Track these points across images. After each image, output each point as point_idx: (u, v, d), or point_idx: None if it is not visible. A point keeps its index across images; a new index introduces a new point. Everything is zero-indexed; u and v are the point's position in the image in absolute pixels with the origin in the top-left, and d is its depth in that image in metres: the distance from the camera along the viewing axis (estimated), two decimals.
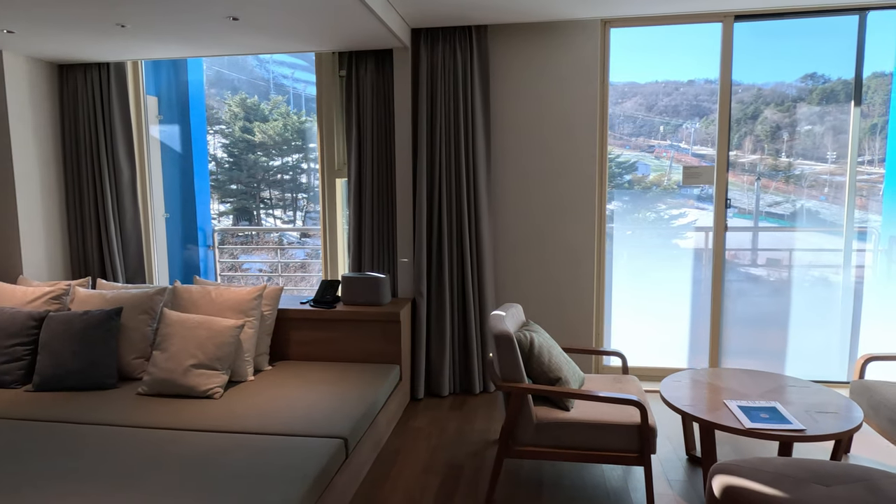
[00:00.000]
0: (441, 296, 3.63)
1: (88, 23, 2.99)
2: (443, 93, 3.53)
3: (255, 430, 2.49)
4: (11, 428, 2.52)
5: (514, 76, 3.65)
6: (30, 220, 3.73)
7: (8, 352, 3.04)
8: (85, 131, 3.93)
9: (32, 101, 3.75)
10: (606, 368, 3.90)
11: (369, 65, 3.65)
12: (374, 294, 3.49)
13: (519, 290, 3.80)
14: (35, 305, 3.25)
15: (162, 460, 2.21)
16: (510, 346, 2.43)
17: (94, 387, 2.99)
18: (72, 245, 4.05)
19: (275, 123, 14.53)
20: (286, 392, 2.92)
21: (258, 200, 15.07)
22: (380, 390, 3.00)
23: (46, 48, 3.50)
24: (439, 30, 3.50)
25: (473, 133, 3.54)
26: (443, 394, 3.67)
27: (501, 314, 2.62)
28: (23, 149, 3.68)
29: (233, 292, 3.21)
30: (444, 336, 3.63)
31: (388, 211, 3.77)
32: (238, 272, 11.20)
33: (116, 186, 4.00)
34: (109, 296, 3.26)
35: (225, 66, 14.96)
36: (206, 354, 2.89)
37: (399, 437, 3.11)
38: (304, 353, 3.49)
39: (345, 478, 2.42)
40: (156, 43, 3.40)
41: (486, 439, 3.07)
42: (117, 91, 3.93)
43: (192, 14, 2.86)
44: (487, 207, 3.63)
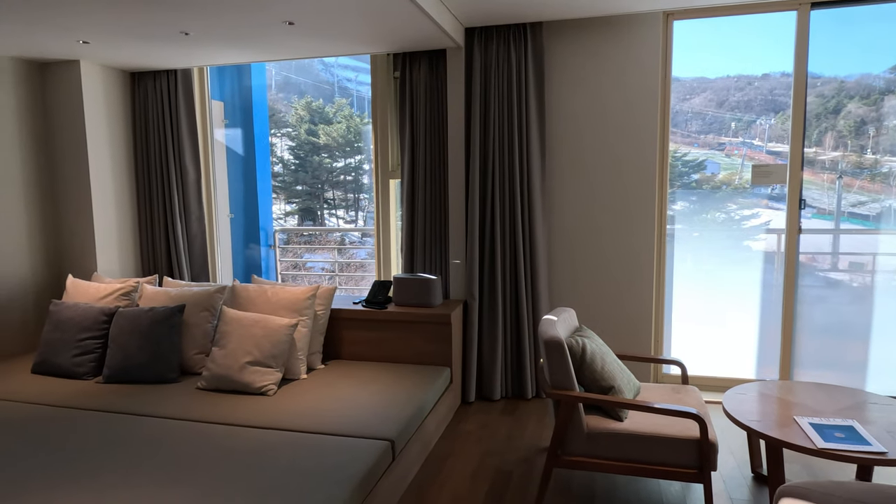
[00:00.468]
0: (493, 298, 3.57)
1: (155, 31, 3.13)
2: (496, 92, 3.47)
3: (305, 429, 2.52)
4: (81, 417, 2.66)
5: (570, 74, 3.55)
6: (104, 221, 3.95)
7: (81, 345, 3.22)
8: (154, 136, 4.13)
9: (107, 108, 3.97)
10: (667, 377, 3.72)
11: (423, 65, 3.64)
12: (425, 295, 3.47)
13: (573, 294, 3.69)
14: (106, 301, 3.43)
15: (216, 454, 2.27)
16: (560, 353, 2.35)
17: (158, 380, 3.12)
18: (142, 244, 4.26)
19: (338, 126, 14.87)
20: (336, 391, 2.95)
21: (322, 201, 15.48)
22: (429, 392, 2.98)
23: (119, 57, 3.70)
24: (493, 28, 3.45)
25: (528, 133, 3.46)
26: (494, 398, 3.61)
27: (552, 319, 2.54)
28: (98, 153, 3.90)
29: (287, 291, 3.27)
30: (496, 339, 3.57)
31: (441, 212, 3.75)
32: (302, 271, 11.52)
33: (183, 188, 4.18)
34: (174, 293, 3.40)
35: (292, 70, 15.44)
36: (262, 352, 2.96)
37: (448, 440, 3.08)
38: (355, 352, 3.52)
39: (391, 480, 2.41)
40: (217, 49, 3.52)
41: (537, 446, 3.00)
42: (184, 96, 4.10)
43: (249, 20, 2.94)
44: (542, 209, 3.54)
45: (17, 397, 2.93)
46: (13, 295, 3.69)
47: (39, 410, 2.75)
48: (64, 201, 3.91)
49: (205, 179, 4.40)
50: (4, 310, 3.64)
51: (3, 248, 3.62)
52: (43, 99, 3.85)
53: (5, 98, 3.61)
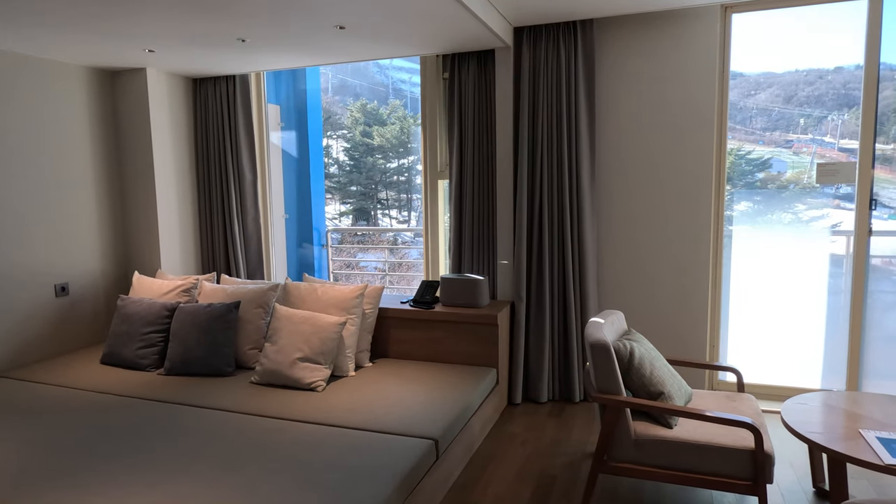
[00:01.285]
0: (541, 300, 3.53)
1: (214, 39, 3.26)
2: (545, 91, 3.43)
3: (352, 425, 2.56)
4: (144, 407, 2.81)
5: (621, 71, 3.47)
6: (167, 220, 4.15)
7: (145, 338, 3.39)
8: (214, 139, 4.30)
9: (171, 113, 4.17)
10: (722, 384, 3.58)
11: (471, 66, 3.64)
12: (472, 296, 3.47)
13: (623, 297, 3.60)
14: (169, 297, 3.61)
15: (266, 447, 2.34)
16: (607, 356, 2.30)
17: (215, 373, 3.25)
18: (201, 243, 4.45)
19: (392, 127, 15.08)
20: (383, 389, 2.99)
21: (375, 201, 15.73)
22: (475, 393, 2.98)
23: (182, 64, 3.87)
24: (542, 27, 3.41)
25: (577, 132, 3.40)
26: (541, 400, 3.57)
27: (599, 321, 2.49)
28: (162, 156, 4.10)
29: (337, 290, 3.34)
30: (543, 341, 3.53)
31: (489, 212, 3.74)
32: (354, 270, 11.75)
33: (240, 190, 4.33)
34: (230, 290, 3.53)
35: (348, 73, 15.76)
36: (311, 349, 3.04)
37: (493, 441, 3.07)
38: (402, 351, 3.56)
39: (434, 479, 2.42)
40: (272, 54, 3.64)
41: (584, 451, 2.94)
42: (242, 101, 4.26)
43: (302, 25, 3.02)
44: (591, 209, 3.48)
45: (86, 386, 3.12)
46: (85, 290, 3.93)
47: (107, 399, 2.92)
48: (131, 202, 4.14)
49: (261, 181, 4.55)
50: (78, 303, 3.89)
51: (78, 247, 3.86)
52: (113, 105, 4.08)
53: (79, 105, 3.85)
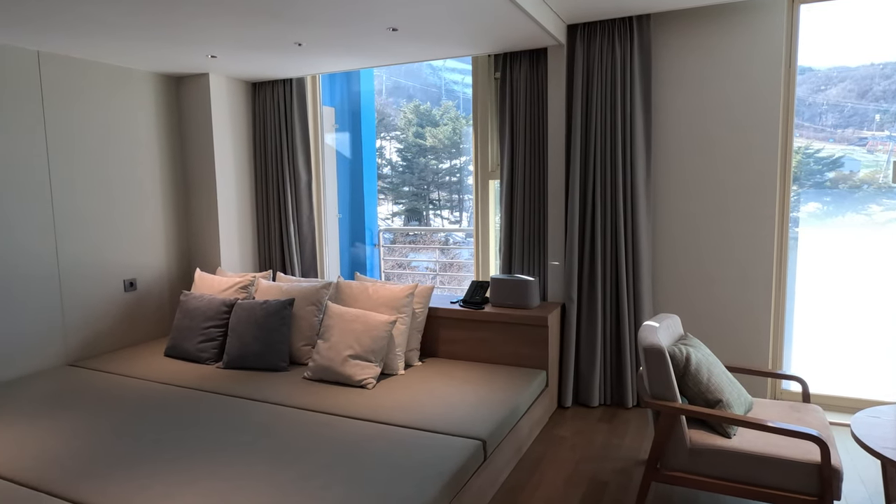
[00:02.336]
0: (593, 302, 3.47)
1: (272, 44, 3.36)
2: (599, 89, 3.36)
3: (400, 423, 2.59)
4: (204, 399, 2.92)
5: (679, 67, 3.36)
6: (227, 219, 4.31)
7: (205, 332, 3.53)
8: (271, 141, 4.44)
9: (231, 116, 4.33)
10: (785, 394, 3.41)
11: (523, 65, 3.61)
12: (522, 297, 3.44)
13: (679, 300, 3.48)
14: (227, 294, 3.74)
15: (316, 442, 2.39)
16: (661, 361, 2.23)
17: (270, 368, 3.35)
18: (259, 241, 4.60)
19: (444, 128, 15.16)
20: (432, 388, 3.00)
21: (427, 201, 15.86)
22: (524, 395, 2.95)
23: (242, 68, 4.01)
24: (597, 24, 3.34)
25: (632, 130, 3.32)
26: (592, 404, 3.50)
27: (654, 325, 2.42)
28: (223, 158, 4.26)
29: (387, 289, 3.38)
30: (594, 344, 3.46)
31: (540, 213, 3.70)
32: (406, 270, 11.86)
33: (295, 190, 4.45)
34: (285, 287, 3.63)
35: (402, 75, 15.95)
36: (362, 346, 3.09)
37: (542, 444, 3.03)
38: (452, 351, 3.56)
39: (482, 480, 2.41)
40: (327, 58, 3.71)
41: (636, 458, 2.87)
42: (298, 103, 4.37)
43: (356, 28, 3.07)
44: (646, 210, 3.38)
45: (151, 377, 3.28)
46: (151, 285, 4.13)
47: (170, 390, 3.06)
48: (194, 202, 4.32)
49: (315, 182, 4.66)
50: (144, 298, 4.09)
51: (145, 244, 4.06)
52: (177, 109, 4.27)
53: (146, 109, 4.05)
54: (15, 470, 2.21)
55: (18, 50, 3.30)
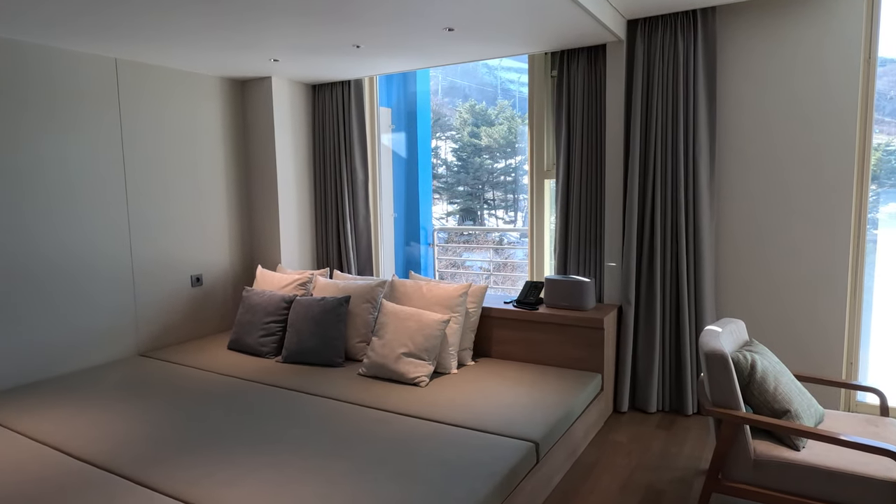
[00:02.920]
0: (651, 304, 3.37)
1: (332, 47, 3.44)
2: (660, 86, 3.26)
3: (452, 422, 2.59)
4: (263, 391, 3.02)
5: (746, 61, 3.21)
6: (287, 218, 4.44)
7: (265, 327, 3.65)
8: (329, 142, 4.54)
9: (292, 118, 4.46)
10: (861, 406, 3.21)
11: (581, 62, 3.54)
12: (577, 298, 3.38)
13: (744, 305, 3.33)
14: (287, 290, 3.85)
15: (369, 437, 2.43)
16: (724, 368, 2.14)
17: (326, 364, 3.42)
18: (316, 239, 4.71)
19: (500, 127, 15.11)
20: (484, 389, 3.00)
21: (482, 201, 15.84)
22: (578, 398, 2.90)
23: (302, 71, 4.12)
24: (658, 18, 3.24)
25: (695, 128, 3.20)
26: (649, 410, 3.40)
27: (716, 330, 2.33)
28: (284, 159, 4.39)
29: (441, 288, 3.40)
30: (653, 348, 3.36)
31: (596, 213, 3.62)
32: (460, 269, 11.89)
33: (352, 190, 4.54)
34: (341, 285, 3.70)
35: (458, 75, 16.00)
36: (416, 344, 3.11)
37: (597, 449, 2.97)
38: (505, 351, 3.54)
39: (534, 483, 2.39)
40: (384, 59, 3.77)
41: (696, 467, 2.77)
42: (356, 104, 4.45)
43: (412, 29, 3.10)
44: (709, 210, 3.26)
45: (215, 369, 3.41)
46: (216, 281, 4.30)
47: (232, 382, 3.18)
48: (256, 201, 4.47)
49: (372, 181, 4.73)
50: (210, 293, 4.27)
51: (210, 242, 4.24)
52: (242, 112, 4.44)
53: (213, 112, 4.22)
54: (89, 452, 2.35)
55: (98, 58, 3.51)
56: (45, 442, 2.47)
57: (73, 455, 2.35)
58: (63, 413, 2.77)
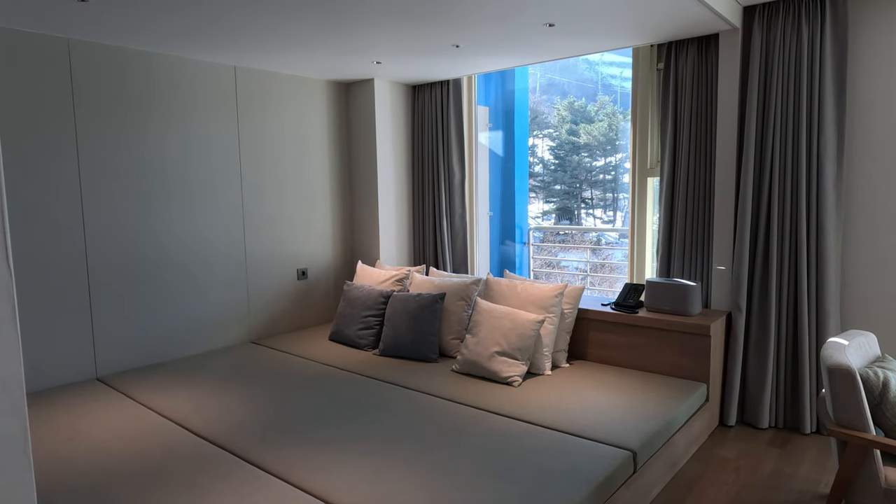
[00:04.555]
0: (765, 312, 3.12)
1: (432, 47, 3.49)
2: (780, 77, 3.01)
3: (546, 424, 2.55)
4: (361, 382, 3.14)
5: (882, 49, 2.89)
6: (386, 215, 4.57)
7: (364, 321, 3.78)
8: (428, 141, 4.62)
9: (392, 118, 4.58)
10: None
11: (690, 54, 3.35)
12: (681, 303, 3.21)
13: (875, 316, 3.01)
14: (385, 285, 3.97)
15: (463, 434, 2.45)
16: (850, 384, 1.94)
17: (421, 358, 3.49)
18: (414, 236, 4.82)
19: (600, 124, 14.68)
20: (579, 392, 2.92)
21: (579, 200, 15.47)
22: (680, 408, 2.76)
23: (403, 73, 4.23)
24: (779, 4, 3.00)
25: (820, 121, 2.93)
26: (760, 425, 3.16)
27: (842, 343, 2.12)
28: (384, 158, 4.53)
29: (536, 288, 3.35)
30: (766, 359, 3.12)
31: (704, 213, 3.42)
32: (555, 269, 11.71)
33: (449, 188, 4.59)
34: (437, 282, 3.76)
35: (556, 72, 15.73)
36: (509, 344, 3.10)
37: (700, 463, 2.80)
38: (601, 355, 3.44)
39: (631, 493, 2.30)
40: (483, 57, 3.77)
41: (814, 491, 2.53)
42: (454, 104, 4.50)
43: (511, 26, 3.08)
44: (835, 211, 2.97)
45: (318, 359, 3.59)
46: (320, 275, 4.52)
47: (332, 372, 3.33)
48: (357, 199, 4.65)
49: (468, 180, 4.76)
50: (314, 286, 4.49)
51: (316, 237, 4.46)
52: (346, 113, 4.63)
53: (319, 114, 4.43)
54: (206, 429, 2.55)
55: (218, 66, 3.80)
56: (168, 416, 2.72)
57: (191, 430, 2.56)
58: (184, 392, 3.03)
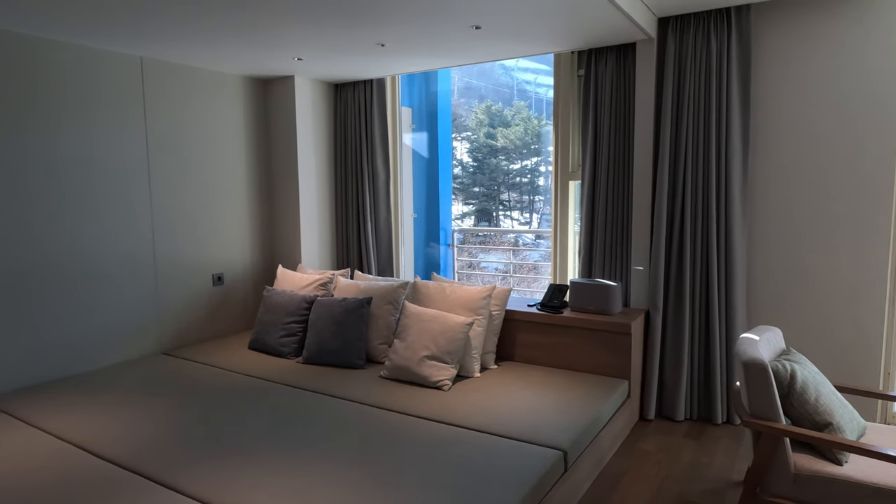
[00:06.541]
0: (680, 310, 3.28)
1: (356, 45, 3.40)
2: (692, 85, 3.18)
3: (477, 428, 2.54)
4: (284, 392, 2.99)
5: (784, 61, 3.12)
6: (308, 217, 4.41)
7: (286, 327, 3.62)
8: (351, 141, 4.51)
9: (314, 117, 4.43)
10: None
11: (609, 61, 3.47)
12: (603, 302, 3.31)
13: (777, 312, 3.24)
14: (308, 290, 3.82)
15: (393, 442, 2.38)
16: (763, 378, 2.06)
17: (347, 365, 3.39)
18: (337, 239, 4.68)
19: (516, 128, 15.02)
20: (509, 393, 2.94)
21: (497, 202, 15.77)
22: (605, 405, 2.83)
23: (326, 70, 4.10)
24: (691, 16, 3.16)
25: (728, 128, 3.12)
26: (677, 418, 3.32)
27: (753, 338, 2.25)
28: (305, 158, 4.37)
29: (464, 290, 3.34)
30: (681, 354, 3.28)
31: (623, 215, 3.55)
32: (476, 270, 11.83)
33: (374, 189, 4.50)
34: (363, 286, 3.67)
35: (474, 76, 15.94)
36: (439, 347, 3.06)
37: (624, 458, 2.89)
38: (528, 355, 3.48)
39: (562, 493, 2.32)
40: (409, 58, 3.72)
41: (728, 479, 2.68)
42: (378, 104, 4.42)
43: (439, 27, 3.05)
44: (741, 214, 3.17)
45: (236, 369, 3.39)
46: (236, 280, 4.29)
47: (252, 382, 3.15)
48: (277, 201, 4.45)
49: (393, 181, 4.69)
50: (231, 292, 4.25)
51: (232, 241, 4.23)
52: (264, 111, 4.42)
53: (236, 111, 4.21)
54: (112, 450, 2.33)
55: (124, 56, 3.51)
56: (69, 440, 2.46)
57: (96, 453, 2.33)
58: (86, 411, 2.76)
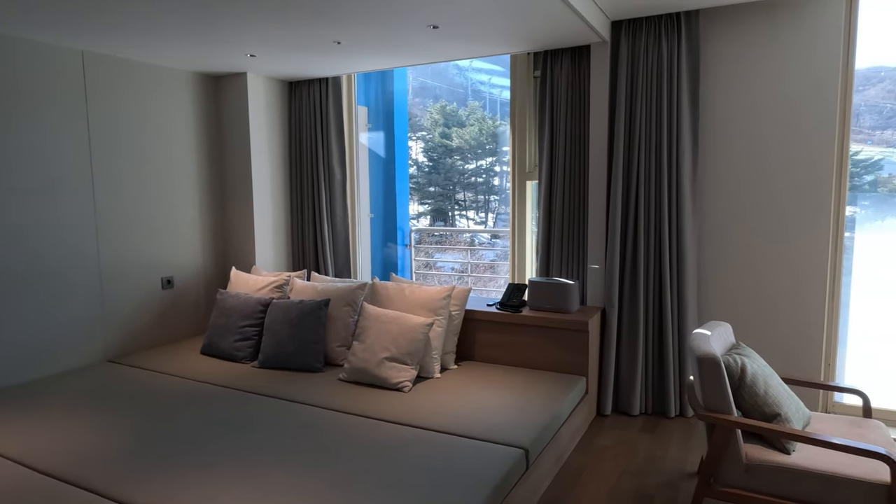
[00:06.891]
0: (634, 307, 3.36)
1: (311, 42, 3.33)
2: (644, 88, 3.26)
3: (438, 429, 2.53)
4: (239, 398, 2.90)
5: (730, 65, 3.24)
6: (262, 218, 4.30)
7: (241, 331, 3.52)
8: (306, 140, 4.42)
9: (267, 115, 4.32)
10: (838, 407, 3.26)
11: (565, 63, 3.52)
12: (561, 300, 3.36)
13: (726, 307, 3.36)
14: (263, 292, 3.73)
15: (353, 445, 2.35)
16: (716, 372, 2.13)
17: (305, 369, 3.32)
18: (293, 240, 4.59)
19: (471, 128, 15.10)
20: (470, 393, 2.94)
21: (453, 202, 15.81)
22: (564, 402, 2.87)
23: (279, 68, 4.00)
24: (643, 20, 3.24)
25: (678, 130, 3.21)
26: (632, 412, 3.40)
27: (706, 333, 2.32)
28: (259, 157, 4.26)
29: (424, 291, 3.33)
30: (636, 350, 3.36)
31: (579, 214, 3.60)
32: (433, 270, 11.83)
33: (330, 189, 4.43)
34: (320, 287, 3.60)
35: (429, 76, 15.93)
36: (399, 349, 3.03)
37: (583, 454, 2.94)
38: (488, 355, 3.49)
39: (524, 491, 2.34)
40: (365, 56, 3.68)
41: (682, 470, 2.76)
42: (333, 103, 4.35)
43: (396, 26, 3.02)
44: (692, 213, 3.27)
45: (188, 375, 3.27)
46: (188, 283, 4.14)
47: (206, 389, 3.05)
48: (230, 200, 4.32)
49: (349, 181, 4.63)
50: (181, 296, 4.10)
51: (182, 242, 4.08)
52: (216, 108, 4.29)
53: (185, 108, 4.06)
54: (54, 465, 2.21)
55: (64, 49, 3.33)
56: (5, 454, 2.31)
57: (35, 468, 2.20)
58: (24, 423, 2.61)
